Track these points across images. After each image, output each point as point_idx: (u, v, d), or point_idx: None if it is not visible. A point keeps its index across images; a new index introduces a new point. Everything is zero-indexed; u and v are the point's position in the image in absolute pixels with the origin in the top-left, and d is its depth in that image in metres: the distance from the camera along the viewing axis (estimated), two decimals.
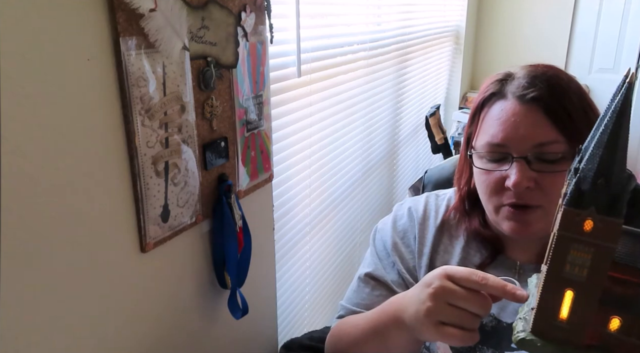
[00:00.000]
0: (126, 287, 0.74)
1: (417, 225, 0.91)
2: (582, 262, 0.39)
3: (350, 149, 1.72)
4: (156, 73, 0.71)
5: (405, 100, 2.31)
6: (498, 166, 0.77)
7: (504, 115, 0.76)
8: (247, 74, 0.94)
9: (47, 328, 0.63)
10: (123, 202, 0.71)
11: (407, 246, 0.91)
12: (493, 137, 0.76)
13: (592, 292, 0.39)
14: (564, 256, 0.39)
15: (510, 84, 0.78)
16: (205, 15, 0.80)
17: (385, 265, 0.91)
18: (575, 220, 0.38)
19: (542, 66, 0.80)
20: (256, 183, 1.03)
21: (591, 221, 0.38)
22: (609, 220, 0.37)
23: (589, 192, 0.38)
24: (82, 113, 0.63)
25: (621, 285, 0.40)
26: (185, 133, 0.79)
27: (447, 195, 0.95)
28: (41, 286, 0.61)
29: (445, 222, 0.90)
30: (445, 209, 0.92)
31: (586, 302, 0.40)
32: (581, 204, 0.38)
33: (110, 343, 0.73)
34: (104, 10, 0.63)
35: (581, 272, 0.39)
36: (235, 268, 0.93)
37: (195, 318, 0.91)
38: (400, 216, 0.94)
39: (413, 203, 0.95)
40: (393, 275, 0.89)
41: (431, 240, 0.89)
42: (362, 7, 1.71)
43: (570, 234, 0.39)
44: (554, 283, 0.41)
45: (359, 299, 0.90)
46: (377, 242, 0.94)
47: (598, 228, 0.37)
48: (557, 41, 3.34)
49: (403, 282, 0.89)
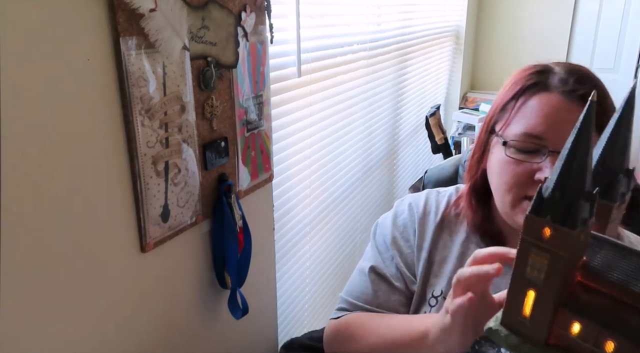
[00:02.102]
0: (126, 287, 0.74)
1: (417, 220, 0.91)
2: (540, 266, 0.41)
3: (350, 149, 1.72)
4: (156, 73, 0.71)
5: (405, 100, 2.31)
6: (529, 157, 0.75)
7: (546, 107, 0.75)
8: (247, 74, 0.94)
9: (47, 328, 0.63)
10: (123, 202, 0.71)
11: (406, 240, 0.91)
12: (532, 127, 0.75)
13: (549, 294, 0.41)
14: (525, 259, 0.42)
15: (552, 77, 0.77)
16: (205, 15, 0.80)
17: (384, 258, 0.91)
18: (535, 227, 0.41)
19: (579, 66, 0.79)
20: (256, 184, 1.03)
21: (548, 229, 0.40)
22: (563, 230, 0.39)
23: (547, 201, 0.40)
24: (82, 113, 0.63)
25: (589, 293, 0.42)
26: (185, 133, 0.79)
27: (447, 192, 0.95)
28: (41, 286, 0.61)
29: (445, 219, 0.91)
30: (445, 206, 0.92)
31: (544, 304, 0.42)
32: (540, 212, 0.40)
33: (110, 343, 0.73)
34: (104, 10, 0.63)
35: (539, 275, 0.41)
36: (235, 268, 0.93)
37: (195, 318, 0.91)
38: (401, 211, 0.94)
39: (414, 199, 0.96)
40: (392, 269, 0.90)
41: (431, 235, 0.89)
42: (362, 7, 1.71)
43: (531, 239, 0.41)
44: (519, 283, 0.43)
45: (361, 293, 0.91)
46: (377, 236, 0.95)
47: (553, 236, 0.40)
48: (557, 41, 3.34)
49: (401, 276, 0.89)
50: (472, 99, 3.34)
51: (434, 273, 0.88)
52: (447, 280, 0.86)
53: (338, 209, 1.68)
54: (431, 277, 0.88)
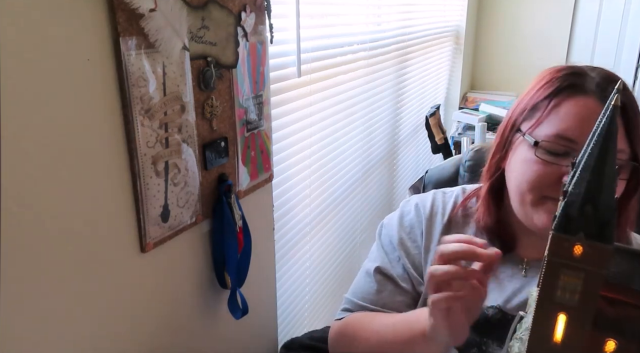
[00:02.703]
0: (126, 287, 0.74)
1: (424, 220, 0.91)
2: (574, 286, 0.39)
3: (350, 149, 1.72)
4: (156, 73, 0.71)
5: (405, 100, 2.31)
6: (557, 160, 0.74)
7: (583, 111, 0.74)
8: (247, 74, 0.94)
9: (47, 328, 0.63)
10: (123, 202, 0.71)
11: (413, 241, 0.91)
12: (566, 130, 0.74)
13: (585, 315, 0.39)
14: (555, 281, 0.40)
15: (590, 81, 0.76)
16: (205, 15, 0.80)
17: (391, 259, 0.91)
18: (564, 246, 0.38)
19: (613, 73, 0.79)
20: (256, 184, 1.03)
21: (580, 246, 0.38)
22: (599, 246, 0.37)
23: (577, 218, 0.38)
24: (82, 113, 0.63)
25: (614, 306, 0.40)
26: (185, 133, 0.79)
27: (454, 192, 0.94)
28: (41, 286, 0.61)
29: (453, 220, 0.90)
30: (452, 207, 0.92)
31: (579, 326, 0.40)
32: (570, 230, 0.38)
33: (109, 343, 0.73)
34: (104, 10, 0.63)
35: (573, 296, 0.39)
36: (235, 268, 0.93)
37: (195, 318, 0.91)
38: (407, 212, 0.94)
39: (420, 199, 0.95)
40: (398, 269, 0.89)
41: (438, 237, 0.89)
42: (362, 7, 1.71)
43: (560, 259, 0.39)
44: (547, 308, 0.41)
45: (366, 294, 0.90)
46: (383, 237, 0.94)
47: (587, 254, 0.37)
48: (557, 41, 3.34)
49: (408, 276, 0.89)
50: (472, 99, 3.34)
51: None
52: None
53: (338, 209, 1.68)
54: None
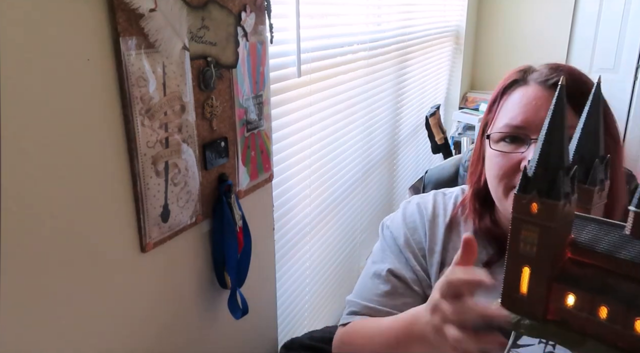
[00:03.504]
0: (126, 287, 0.74)
1: (427, 222, 0.91)
2: (532, 240, 0.44)
3: (350, 149, 1.72)
4: (156, 73, 0.71)
5: (405, 100, 2.31)
6: (514, 149, 0.78)
7: (524, 99, 0.78)
8: (247, 74, 0.94)
9: (47, 328, 0.63)
10: (123, 202, 0.71)
11: (418, 243, 0.90)
12: (512, 119, 0.78)
13: (543, 267, 0.44)
14: (518, 236, 0.45)
15: (532, 73, 0.81)
16: (205, 15, 0.80)
17: (400, 261, 0.90)
18: (523, 203, 0.44)
19: (568, 65, 0.83)
20: (256, 184, 1.03)
21: (535, 203, 0.43)
22: (549, 202, 0.43)
23: (532, 178, 0.44)
24: (82, 113, 0.63)
25: (579, 266, 0.45)
26: (185, 133, 0.79)
27: (453, 193, 0.95)
28: (41, 286, 0.61)
29: (454, 220, 0.90)
30: (453, 207, 0.92)
31: (539, 278, 0.45)
32: (527, 190, 0.44)
33: (109, 343, 0.73)
34: (104, 10, 0.63)
35: (532, 249, 0.45)
36: (235, 268, 0.93)
37: (195, 318, 0.91)
38: (411, 212, 0.93)
39: (421, 200, 0.95)
40: (409, 272, 0.88)
41: (441, 238, 0.89)
42: (362, 7, 1.71)
43: (521, 216, 0.45)
44: (514, 261, 0.46)
45: (375, 295, 0.87)
46: (388, 238, 0.93)
47: (540, 210, 0.43)
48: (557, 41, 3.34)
49: (417, 278, 0.88)
50: (472, 99, 3.34)
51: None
52: None
53: (338, 209, 1.68)
54: None
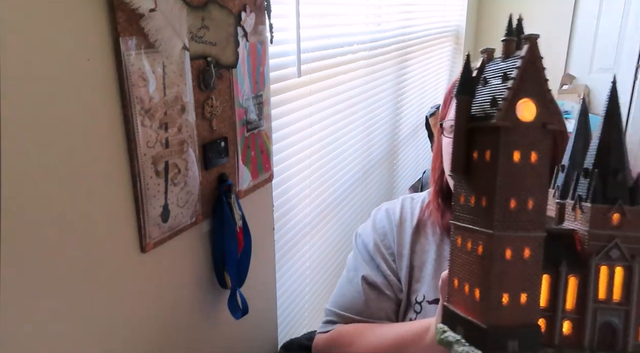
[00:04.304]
0: (126, 287, 0.74)
1: (395, 227, 0.93)
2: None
3: (350, 149, 1.72)
4: (156, 73, 0.71)
5: (405, 100, 2.31)
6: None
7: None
8: (247, 74, 0.94)
9: (47, 328, 0.63)
10: (123, 202, 0.71)
11: (387, 248, 0.92)
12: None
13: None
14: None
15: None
16: (205, 15, 0.80)
17: (371, 268, 0.92)
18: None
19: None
20: (256, 183, 1.03)
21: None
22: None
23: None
24: (82, 113, 0.63)
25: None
26: (185, 133, 0.79)
27: (421, 197, 0.97)
28: (41, 286, 0.61)
29: (421, 223, 0.92)
30: (419, 210, 0.93)
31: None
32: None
33: (109, 344, 0.73)
34: (104, 10, 0.63)
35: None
36: (235, 268, 0.93)
37: (195, 318, 0.91)
38: (380, 219, 0.96)
39: (390, 206, 0.98)
40: (381, 277, 0.90)
41: (409, 241, 0.90)
42: (362, 7, 1.71)
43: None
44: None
45: (351, 304, 0.90)
46: (360, 246, 0.96)
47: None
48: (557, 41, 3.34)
49: (389, 283, 0.90)
50: None
51: (416, 279, 0.88)
52: (427, 284, 0.86)
53: (338, 209, 1.68)
54: (413, 282, 0.88)
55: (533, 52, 0.43)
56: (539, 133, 0.44)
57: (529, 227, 0.44)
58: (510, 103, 0.43)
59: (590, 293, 0.47)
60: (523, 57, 0.43)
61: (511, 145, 0.44)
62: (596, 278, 0.47)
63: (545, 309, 0.47)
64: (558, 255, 0.47)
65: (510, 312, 0.44)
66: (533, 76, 0.44)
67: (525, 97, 0.43)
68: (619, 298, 0.47)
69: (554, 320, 0.47)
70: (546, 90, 0.44)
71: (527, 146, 0.44)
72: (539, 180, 0.44)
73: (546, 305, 0.47)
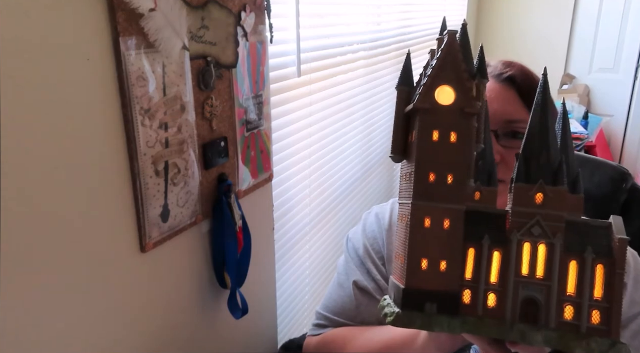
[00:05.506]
0: (126, 287, 0.74)
1: (384, 231, 0.92)
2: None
3: (350, 149, 1.72)
4: (156, 73, 0.71)
5: None
6: None
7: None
8: (247, 74, 0.94)
9: (47, 328, 0.63)
10: (123, 202, 0.71)
11: (377, 252, 0.92)
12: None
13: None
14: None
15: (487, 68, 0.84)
16: (205, 15, 0.80)
17: (362, 272, 0.91)
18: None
19: (515, 61, 0.88)
20: (256, 184, 1.03)
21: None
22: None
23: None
24: (82, 113, 0.63)
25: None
26: (185, 133, 0.79)
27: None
28: (41, 286, 0.61)
29: None
30: None
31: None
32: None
33: (110, 344, 0.73)
34: (104, 10, 0.63)
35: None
36: (235, 268, 0.93)
37: (195, 318, 0.91)
38: (370, 224, 0.96)
39: (380, 210, 0.97)
40: (372, 282, 0.90)
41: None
42: (362, 7, 1.71)
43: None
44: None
45: (343, 309, 0.90)
46: (351, 250, 0.96)
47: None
48: (557, 41, 3.34)
49: (379, 287, 0.89)
50: None
51: None
52: None
53: (338, 209, 1.68)
54: None
55: (451, 45, 0.50)
56: (458, 116, 0.49)
57: (448, 200, 0.49)
58: (429, 88, 0.50)
59: (512, 267, 0.49)
60: (442, 50, 0.50)
61: (430, 126, 0.50)
62: (520, 255, 0.49)
63: (471, 281, 0.49)
64: (485, 232, 0.50)
65: (429, 277, 0.49)
66: (452, 66, 0.50)
67: (443, 84, 0.50)
68: (542, 275, 0.49)
69: (478, 291, 0.49)
70: (465, 78, 0.50)
71: (446, 127, 0.49)
72: (460, 158, 0.49)
73: (471, 277, 0.49)
